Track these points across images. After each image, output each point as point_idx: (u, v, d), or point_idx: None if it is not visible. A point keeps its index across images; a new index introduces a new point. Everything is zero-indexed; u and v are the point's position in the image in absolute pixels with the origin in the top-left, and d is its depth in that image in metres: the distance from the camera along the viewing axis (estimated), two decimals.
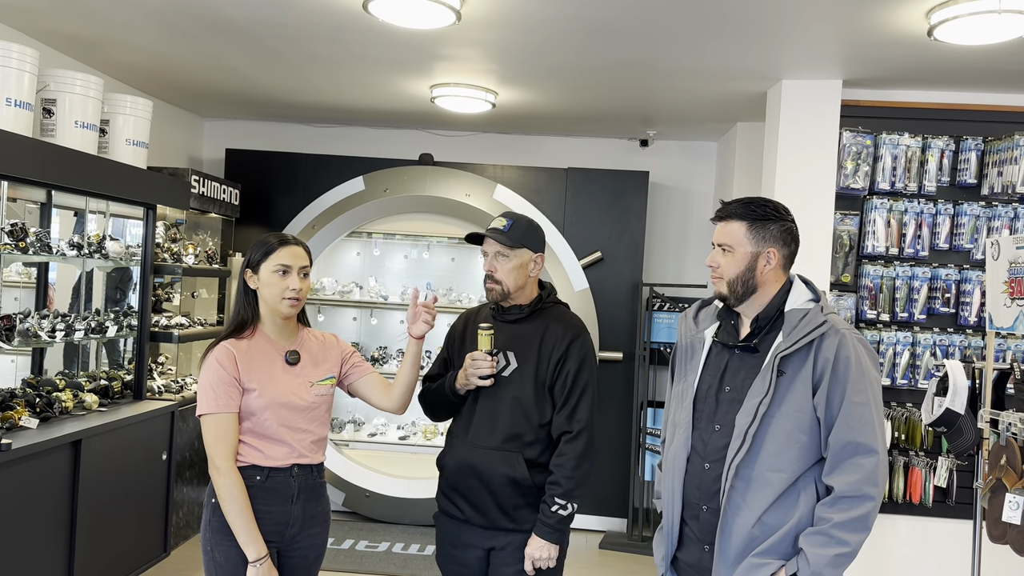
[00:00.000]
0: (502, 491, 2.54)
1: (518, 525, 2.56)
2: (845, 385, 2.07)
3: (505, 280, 2.60)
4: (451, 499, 2.65)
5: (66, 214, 4.72)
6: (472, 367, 2.57)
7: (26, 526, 3.45)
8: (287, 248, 2.48)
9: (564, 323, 2.65)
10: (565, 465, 2.52)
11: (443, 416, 2.78)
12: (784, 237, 2.21)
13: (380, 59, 4.47)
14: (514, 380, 2.58)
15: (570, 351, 2.59)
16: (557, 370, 2.58)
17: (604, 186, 5.83)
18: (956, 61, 3.92)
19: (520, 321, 2.65)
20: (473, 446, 2.59)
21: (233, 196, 5.77)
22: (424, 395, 2.79)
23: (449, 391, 2.65)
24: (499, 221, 2.65)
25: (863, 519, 2.03)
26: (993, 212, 4.30)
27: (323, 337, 2.66)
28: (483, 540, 2.59)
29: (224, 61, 4.71)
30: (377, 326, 6.41)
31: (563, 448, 2.55)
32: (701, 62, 4.20)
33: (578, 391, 2.57)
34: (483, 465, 2.56)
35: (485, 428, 2.58)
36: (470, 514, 2.60)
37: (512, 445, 2.55)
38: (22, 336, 3.85)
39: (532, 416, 2.56)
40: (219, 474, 2.37)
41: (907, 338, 4.31)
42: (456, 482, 2.62)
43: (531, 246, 2.62)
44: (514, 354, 2.60)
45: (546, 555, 2.52)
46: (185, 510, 4.90)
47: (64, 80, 3.98)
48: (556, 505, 2.51)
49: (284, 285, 2.45)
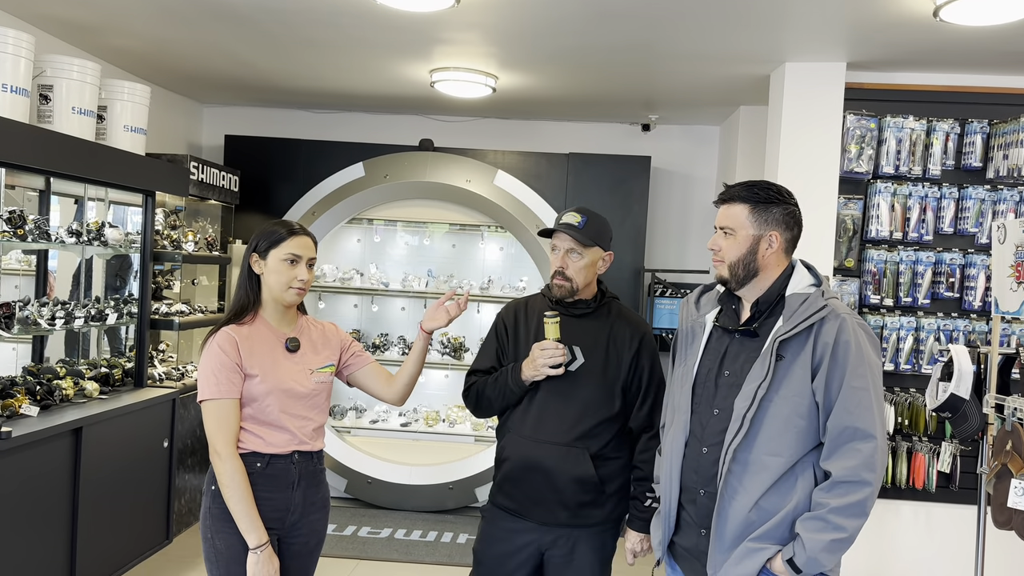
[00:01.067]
0: (567, 488, 2.53)
1: (578, 521, 2.55)
2: (844, 370, 2.05)
3: (576, 278, 2.58)
4: (509, 494, 2.61)
5: (66, 202, 4.69)
6: (542, 356, 2.51)
7: (27, 514, 3.45)
8: (298, 238, 2.47)
9: (631, 321, 2.65)
10: (651, 460, 2.54)
11: (495, 411, 2.70)
12: (787, 221, 2.19)
13: (379, 43, 4.43)
14: (581, 375, 2.56)
15: (643, 349, 2.60)
16: (632, 369, 2.58)
17: (606, 171, 5.79)
18: (962, 42, 3.88)
19: (586, 316, 2.62)
20: (537, 442, 2.55)
21: (232, 183, 5.74)
22: (477, 390, 2.68)
23: (513, 383, 2.57)
24: (572, 216, 2.58)
25: (860, 504, 2.02)
26: (998, 196, 4.26)
27: (322, 326, 2.65)
28: (537, 537, 2.57)
29: (222, 46, 4.67)
30: (378, 313, 6.39)
31: (646, 444, 2.57)
32: (704, 45, 4.15)
33: (654, 387, 2.60)
34: (549, 462, 2.53)
35: (551, 424, 2.54)
36: (529, 509, 2.57)
37: (580, 443, 2.53)
38: (22, 324, 3.84)
39: (599, 412, 2.55)
40: (220, 460, 2.36)
41: (911, 323, 4.29)
42: (518, 476, 2.58)
43: (603, 244, 2.60)
44: (580, 349, 2.57)
45: (645, 546, 2.58)
46: (187, 497, 4.90)
47: (61, 66, 3.95)
48: (649, 499, 2.55)
49: (292, 275, 2.44)
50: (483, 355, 2.75)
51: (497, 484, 2.67)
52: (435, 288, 6.13)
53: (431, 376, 6.37)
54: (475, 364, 2.76)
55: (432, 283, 6.16)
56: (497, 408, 2.68)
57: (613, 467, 2.58)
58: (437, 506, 5.70)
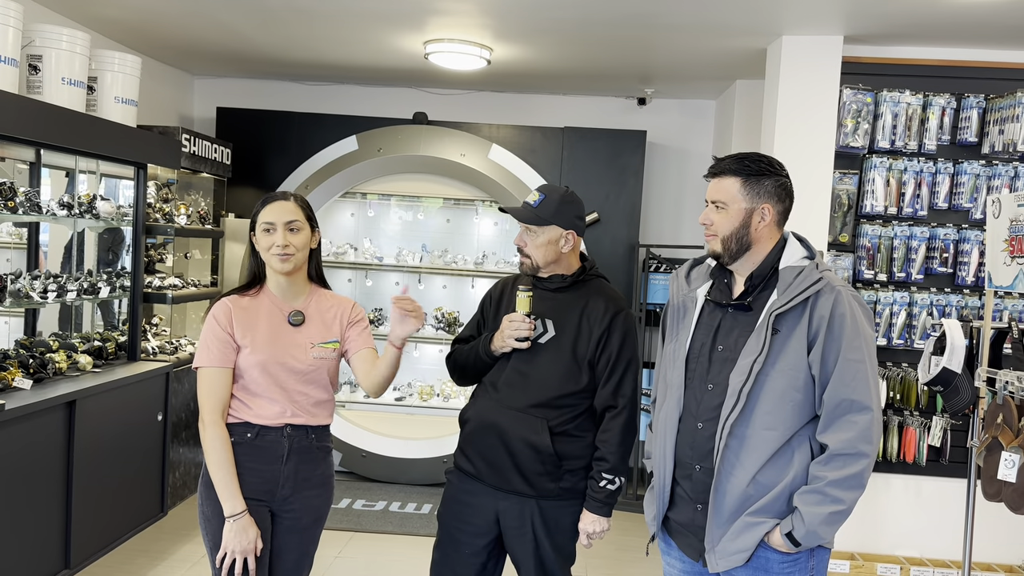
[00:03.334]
0: (521, 454, 2.53)
1: (532, 489, 2.54)
2: (840, 342, 2.05)
3: (534, 255, 2.59)
4: (467, 455, 2.64)
5: (58, 174, 4.66)
6: (509, 328, 2.54)
7: (21, 487, 3.45)
8: (270, 206, 2.47)
9: (607, 297, 2.62)
10: (611, 441, 2.52)
11: (471, 380, 2.75)
12: (779, 193, 2.17)
13: (372, 13, 4.38)
14: (550, 348, 2.56)
15: (613, 326, 2.57)
16: (600, 345, 2.56)
17: (601, 146, 5.76)
18: (959, 16, 3.85)
19: (562, 291, 2.62)
20: (500, 405, 2.58)
21: (225, 155, 5.70)
22: (453, 357, 2.75)
23: (484, 352, 2.62)
24: (532, 195, 2.61)
25: (857, 476, 2.03)
26: (993, 171, 4.26)
27: (339, 301, 2.61)
28: (493, 501, 2.58)
29: (212, 16, 4.62)
30: (372, 287, 6.38)
31: (608, 424, 2.54)
32: (701, 17, 4.12)
33: (622, 366, 2.56)
34: (505, 425, 2.55)
35: (515, 390, 2.56)
36: (484, 472, 2.58)
37: (539, 411, 2.53)
38: (13, 297, 3.82)
39: (564, 386, 2.54)
40: (203, 427, 2.41)
41: (904, 298, 4.29)
42: (476, 438, 2.61)
43: (561, 223, 2.57)
44: (552, 323, 2.58)
45: (599, 529, 2.54)
46: (182, 470, 4.92)
47: (50, 36, 3.90)
48: (604, 480, 2.52)
49: (270, 241, 2.44)
50: (468, 324, 2.82)
51: (459, 447, 2.70)
52: (429, 263, 6.11)
53: (425, 351, 6.37)
54: (459, 334, 2.82)
55: (426, 258, 6.15)
56: (471, 376, 2.72)
57: (576, 445, 2.55)
58: (431, 479, 5.73)
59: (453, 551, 2.63)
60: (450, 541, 2.64)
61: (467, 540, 2.61)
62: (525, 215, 2.57)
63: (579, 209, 2.63)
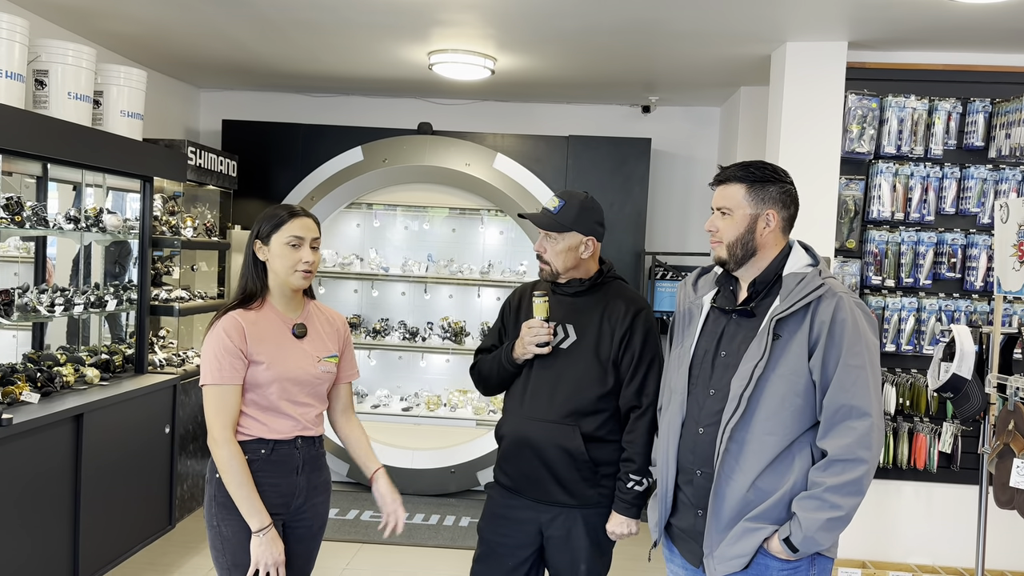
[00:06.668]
0: (557, 462, 2.53)
1: (573, 499, 2.54)
2: (841, 348, 2.04)
3: (554, 261, 2.59)
4: (506, 471, 2.64)
5: (65, 188, 4.68)
6: (528, 335, 2.54)
7: (29, 501, 3.45)
8: (299, 220, 2.43)
9: (626, 298, 2.61)
10: (637, 441, 2.51)
11: (495, 389, 2.74)
12: (783, 199, 2.18)
13: (376, 25, 4.39)
14: (573, 353, 2.56)
15: (635, 326, 2.56)
16: (623, 345, 2.55)
17: (606, 154, 5.76)
18: (964, 20, 3.84)
19: (580, 295, 2.62)
20: (529, 418, 2.57)
21: (231, 168, 5.72)
22: (477, 368, 2.76)
23: (505, 361, 2.62)
24: (552, 201, 2.60)
25: (856, 483, 2.01)
26: (1000, 175, 4.24)
27: (330, 314, 2.63)
28: (535, 515, 2.58)
29: (218, 30, 4.64)
30: (378, 298, 6.39)
31: (633, 424, 2.53)
32: (705, 24, 4.12)
33: (645, 364, 2.55)
34: (538, 437, 2.54)
35: (542, 400, 2.56)
36: (524, 486, 2.58)
37: (570, 419, 2.53)
38: (21, 311, 3.83)
39: (591, 390, 2.53)
40: (216, 446, 2.35)
41: (912, 304, 4.27)
42: (511, 454, 2.61)
43: (581, 229, 2.57)
44: (573, 327, 2.58)
45: (627, 530, 2.54)
46: (189, 483, 4.92)
47: (56, 50, 3.92)
48: (631, 481, 2.51)
49: (297, 257, 2.41)
50: (489, 333, 2.82)
51: (497, 463, 2.71)
52: (435, 273, 6.11)
53: (432, 361, 6.37)
54: (482, 344, 2.82)
55: (432, 268, 6.15)
56: (495, 385, 2.72)
57: (609, 450, 2.56)
58: (439, 490, 5.71)
59: (496, 563, 2.64)
60: (492, 554, 2.65)
61: (508, 552, 2.62)
62: (545, 221, 2.56)
63: (599, 215, 2.63)
